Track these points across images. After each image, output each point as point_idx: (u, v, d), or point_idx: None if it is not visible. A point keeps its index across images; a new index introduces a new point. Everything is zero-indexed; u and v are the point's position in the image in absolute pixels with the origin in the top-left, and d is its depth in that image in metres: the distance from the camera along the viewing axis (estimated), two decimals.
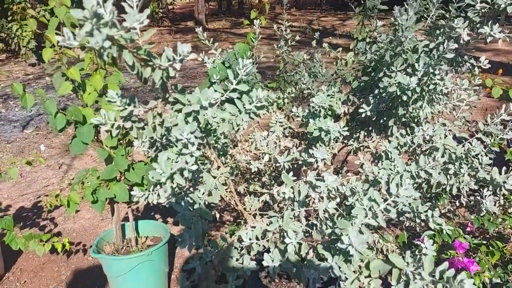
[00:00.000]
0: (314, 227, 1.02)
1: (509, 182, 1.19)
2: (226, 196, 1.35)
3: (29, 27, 2.26)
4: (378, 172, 1.15)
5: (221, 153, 1.49)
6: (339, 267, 0.77)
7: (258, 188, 1.80)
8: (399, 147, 1.41)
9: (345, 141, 1.77)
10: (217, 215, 1.53)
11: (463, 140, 1.39)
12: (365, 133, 1.69)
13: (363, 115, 1.46)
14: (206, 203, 0.90)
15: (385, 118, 1.52)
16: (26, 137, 5.01)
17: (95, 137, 2.09)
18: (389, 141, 1.43)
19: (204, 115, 0.82)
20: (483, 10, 1.17)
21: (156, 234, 2.50)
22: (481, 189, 1.43)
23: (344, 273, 0.87)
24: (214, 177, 1.00)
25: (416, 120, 1.52)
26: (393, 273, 0.75)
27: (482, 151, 1.43)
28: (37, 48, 8.21)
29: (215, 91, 0.98)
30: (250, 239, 0.92)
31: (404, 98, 1.29)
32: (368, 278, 0.77)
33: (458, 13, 1.29)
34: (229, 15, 17.09)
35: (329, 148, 1.64)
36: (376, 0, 1.77)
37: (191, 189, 1.00)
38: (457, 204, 1.55)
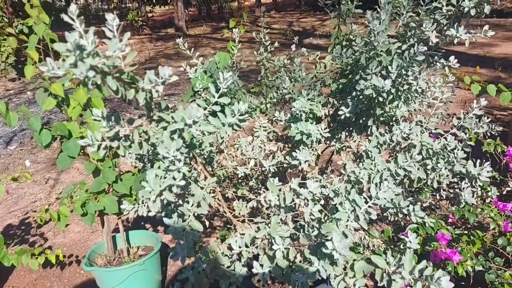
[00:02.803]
0: (302, 230, 1.06)
1: (483, 174, 1.25)
2: (215, 204, 1.39)
3: (8, 43, 2.25)
4: (359, 172, 1.20)
5: (207, 161, 1.53)
6: (326, 270, 0.81)
7: (246, 193, 1.84)
8: (378, 146, 1.46)
9: (328, 142, 1.81)
10: (207, 223, 1.56)
11: (439, 136, 1.45)
12: (347, 134, 1.74)
13: (343, 116, 1.51)
14: (196, 214, 0.93)
15: (364, 118, 1.58)
16: (10, 153, 4.95)
17: (82, 151, 2.10)
18: (369, 141, 1.48)
19: (188, 131, 0.85)
20: (449, 13, 1.23)
21: (148, 243, 2.52)
22: (460, 181, 1.49)
23: (334, 273, 0.91)
24: (202, 188, 1.03)
25: (394, 118, 1.58)
26: (376, 273, 0.79)
27: (459, 145, 1.49)
28: (16, 63, 8.11)
29: (199, 106, 1.01)
30: (239, 246, 0.96)
31: (380, 99, 1.34)
32: (353, 278, 0.82)
33: (427, 16, 1.35)
34: (209, 20, 17.11)
35: (312, 149, 1.69)
36: (350, 4, 1.82)
37: (180, 201, 1.03)
38: (438, 197, 1.61)
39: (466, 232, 1.68)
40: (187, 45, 1.87)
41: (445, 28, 1.24)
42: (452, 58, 1.29)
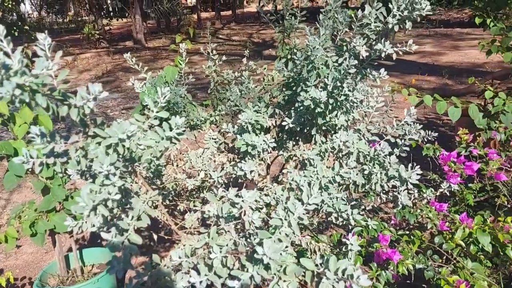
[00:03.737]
0: (243, 239, 1.10)
1: (413, 177, 1.34)
2: (163, 216, 1.40)
3: None
4: (299, 180, 1.26)
5: (155, 174, 1.54)
6: (260, 275, 0.85)
7: (198, 205, 1.86)
8: (321, 154, 1.53)
9: (277, 151, 1.87)
10: (155, 236, 1.57)
11: (375, 142, 1.54)
12: (294, 143, 1.81)
13: (287, 127, 1.57)
14: (136, 227, 0.95)
15: (308, 128, 1.65)
16: None
17: (30, 169, 2.05)
18: (313, 149, 1.55)
19: (123, 145, 0.87)
20: (377, 28, 1.33)
21: (103, 261, 2.47)
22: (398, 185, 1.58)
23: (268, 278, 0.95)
24: (143, 201, 1.05)
25: (337, 127, 1.66)
26: (306, 275, 0.84)
27: (396, 149, 1.59)
28: None
29: (137, 120, 1.04)
30: (179, 257, 0.98)
31: (319, 110, 1.41)
32: (286, 282, 0.86)
33: (360, 31, 1.44)
34: (168, 32, 17.02)
35: (262, 159, 1.74)
36: (294, 19, 1.91)
37: (123, 215, 1.04)
38: (379, 200, 1.70)
39: (407, 232, 1.77)
40: (147, 58, 1.89)
41: (373, 43, 1.34)
42: (382, 70, 1.39)
